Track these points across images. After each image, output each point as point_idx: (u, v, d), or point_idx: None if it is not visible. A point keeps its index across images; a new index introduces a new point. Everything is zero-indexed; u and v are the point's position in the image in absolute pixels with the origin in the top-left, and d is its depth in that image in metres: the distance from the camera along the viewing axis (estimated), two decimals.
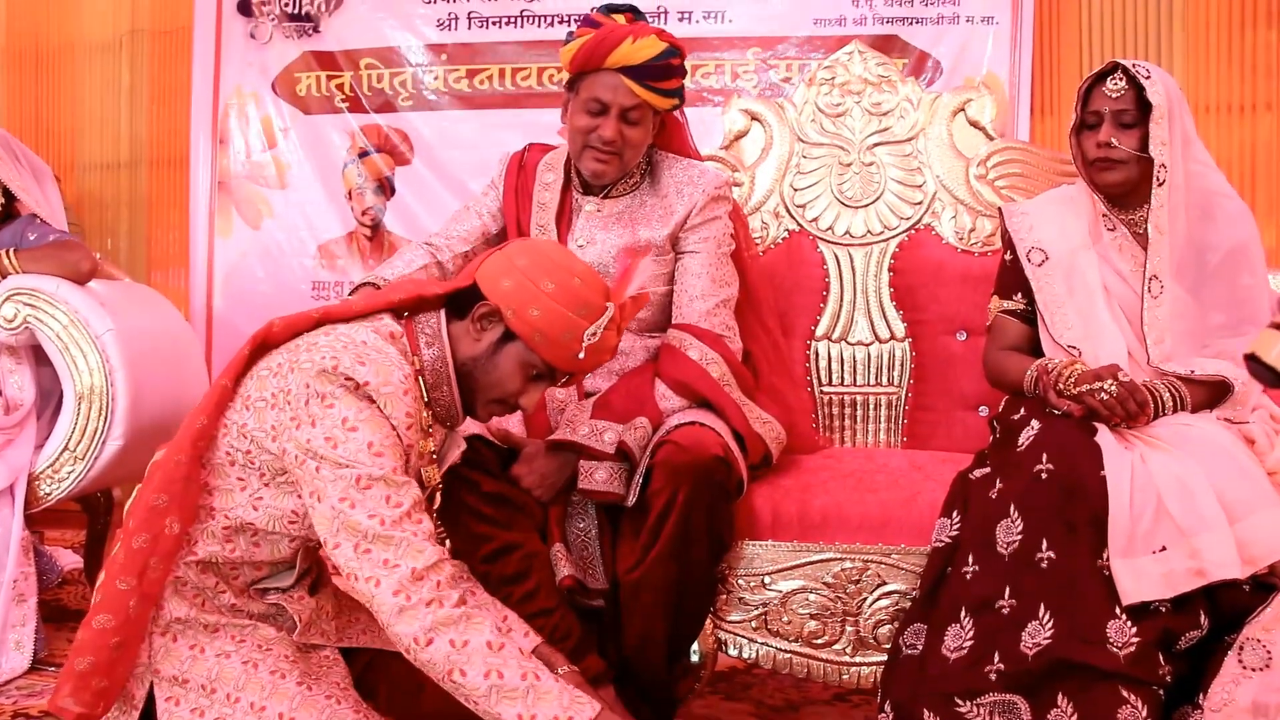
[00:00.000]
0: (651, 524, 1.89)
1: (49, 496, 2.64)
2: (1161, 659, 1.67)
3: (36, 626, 2.52)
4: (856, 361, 2.52)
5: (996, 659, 1.70)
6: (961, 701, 1.71)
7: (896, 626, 1.93)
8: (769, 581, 2.01)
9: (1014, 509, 1.78)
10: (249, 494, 1.58)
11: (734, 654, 2.05)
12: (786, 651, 2.02)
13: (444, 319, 1.67)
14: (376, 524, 1.46)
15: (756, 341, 2.23)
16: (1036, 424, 1.85)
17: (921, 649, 1.81)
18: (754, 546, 2.02)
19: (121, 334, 2.63)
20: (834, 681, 2.02)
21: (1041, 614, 1.70)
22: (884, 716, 1.81)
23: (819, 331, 2.53)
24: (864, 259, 2.54)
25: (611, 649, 1.95)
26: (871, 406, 2.51)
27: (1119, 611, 1.67)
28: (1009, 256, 2.18)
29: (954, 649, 1.75)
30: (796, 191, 2.58)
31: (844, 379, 2.52)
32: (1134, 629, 1.66)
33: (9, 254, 2.64)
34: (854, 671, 2.00)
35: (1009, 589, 1.74)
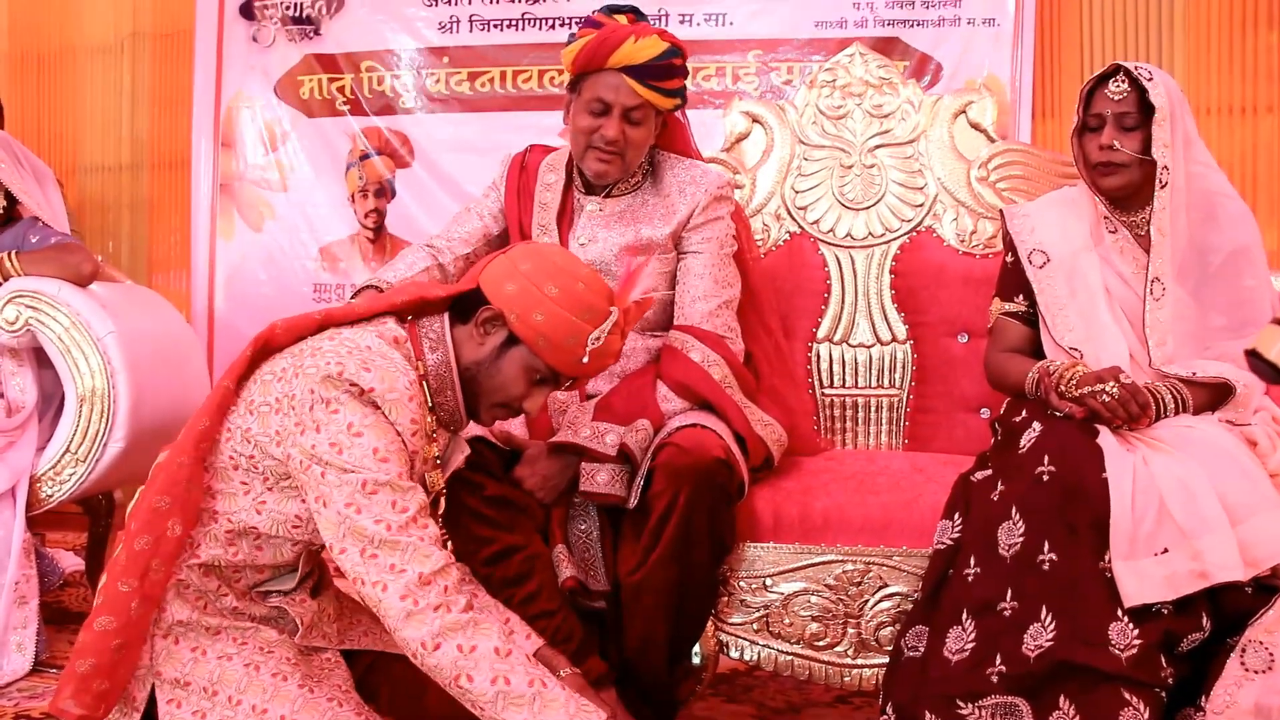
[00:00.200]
0: (653, 526, 1.89)
1: (50, 499, 2.64)
2: (1163, 661, 1.66)
3: (38, 629, 2.52)
4: (858, 363, 2.52)
5: (998, 661, 1.70)
6: (963, 704, 1.70)
7: (898, 629, 1.93)
8: (770, 583, 2.01)
9: (1015, 511, 1.78)
10: (252, 498, 1.58)
11: (735, 656, 2.05)
12: (788, 654, 2.02)
13: (448, 323, 1.66)
14: (383, 529, 1.46)
15: (758, 343, 2.23)
16: (1038, 426, 1.85)
17: (923, 651, 1.81)
18: (755, 549, 2.01)
19: (123, 336, 2.63)
20: (835, 684, 2.02)
21: (1043, 616, 1.69)
22: (885, 719, 1.81)
23: (820, 333, 2.53)
24: (865, 261, 2.54)
25: (613, 651, 1.95)
26: (873, 408, 2.51)
27: (1121, 614, 1.67)
28: (1010, 258, 2.17)
29: (956, 651, 1.75)
30: (798, 194, 2.58)
31: (845, 381, 2.52)
32: (1136, 631, 1.66)
33: (11, 256, 2.64)
34: (855, 674, 2.00)
35: (1011, 591, 1.73)
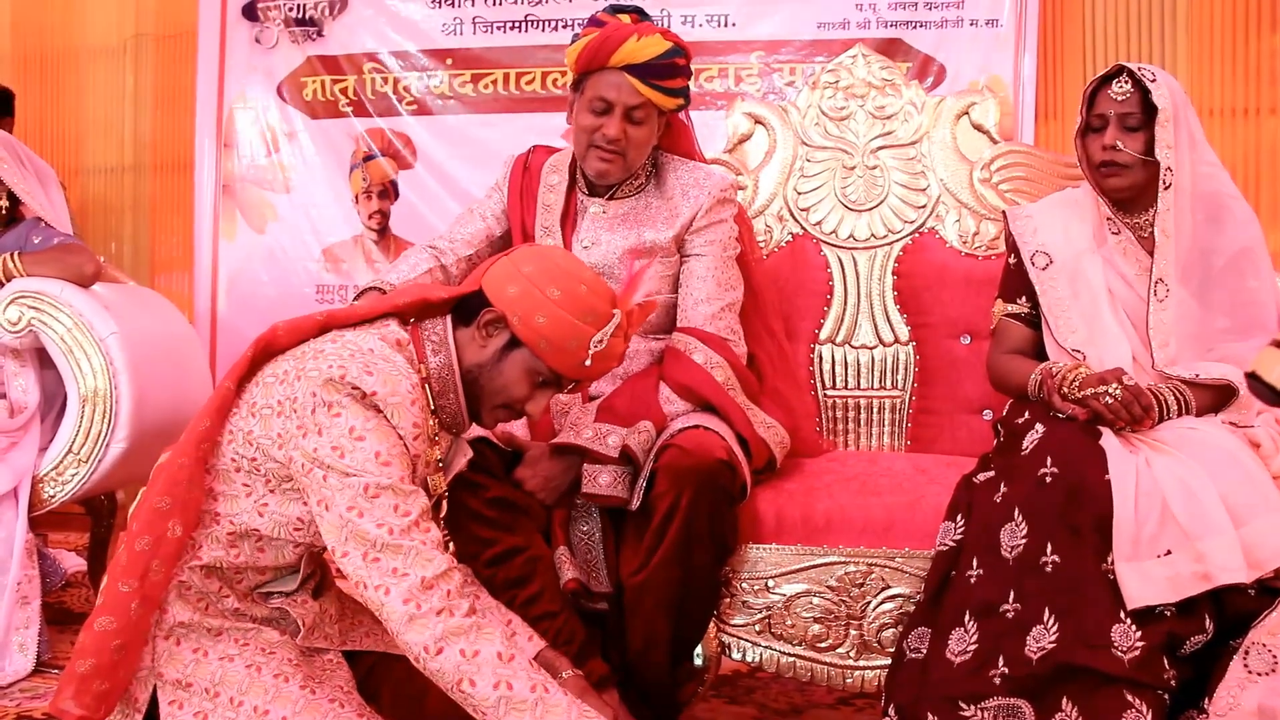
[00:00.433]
0: (655, 527, 1.88)
1: (53, 499, 2.64)
2: (1166, 663, 1.66)
3: (40, 629, 2.53)
4: (860, 365, 2.51)
5: (1001, 663, 1.70)
6: (965, 705, 1.70)
7: (900, 630, 1.92)
8: (772, 585, 2.01)
9: (1018, 513, 1.77)
10: (254, 500, 1.58)
11: (737, 657, 2.05)
12: (790, 655, 2.02)
13: (450, 325, 1.66)
14: (385, 533, 1.46)
15: (761, 345, 2.23)
16: (1041, 428, 1.84)
17: (925, 653, 1.81)
18: (758, 550, 2.01)
19: (125, 337, 2.64)
20: (838, 685, 2.01)
21: (1046, 618, 1.69)
22: None
23: (823, 335, 2.53)
24: (868, 262, 2.54)
25: (615, 652, 1.95)
26: (875, 410, 2.51)
27: (1124, 615, 1.67)
28: (1013, 260, 2.17)
29: (958, 653, 1.74)
30: (800, 195, 2.57)
31: (848, 382, 2.52)
32: (1139, 633, 1.66)
33: (13, 257, 2.64)
34: (858, 675, 2.00)
35: (1013, 593, 1.73)
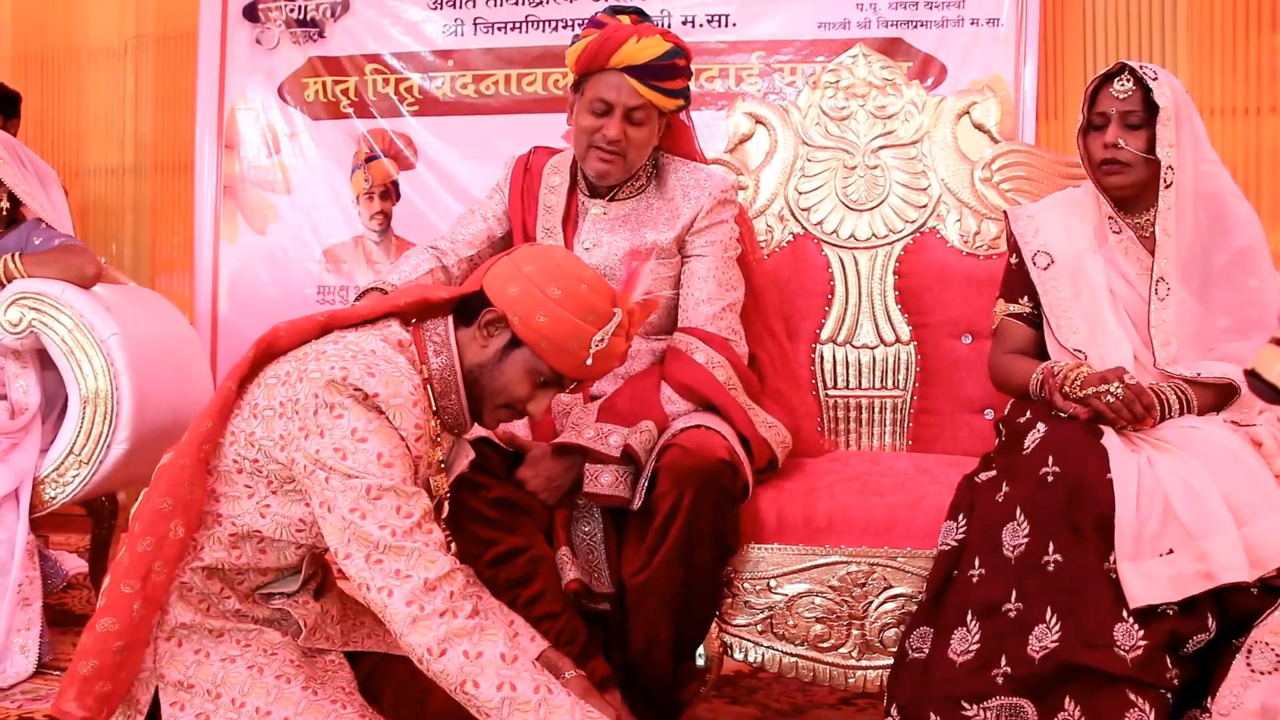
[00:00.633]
0: (657, 527, 1.88)
1: (54, 500, 2.64)
2: (1169, 662, 1.66)
3: (41, 631, 2.52)
4: (861, 365, 2.51)
5: (1003, 662, 1.70)
6: (968, 705, 1.70)
7: (902, 630, 1.92)
8: (774, 585, 2.01)
9: (1020, 512, 1.77)
10: (256, 501, 1.58)
11: (739, 658, 2.05)
12: (792, 655, 2.02)
13: (452, 326, 1.66)
14: (388, 535, 1.46)
15: (762, 345, 2.23)
16: (1042, 427, 1.84)
17: (928, 652, 1.80)
18: (759, 550, 2.01)
19: (126, 338, 2.63)
20: (840, 685, 2.01)
21: (1048, 617, 1.69)
22: None
23: (824, 335, 2.53)
24: (869, 262, 2.54)
25: (617, 653, 1.95)
26: (876, 410, 2.51)
27: (1126, 615, 1.67)
28: (1014, 260, 2.17)
29: (960, 652, 1.74)
30: (801, 195, 2.57)
31: (849, 382, 2.52)
32: (1141, 632, 1.66)
33: (14, 258, 2.64)
34: (860, 675, 2.00)
35: (1015, 592, 1.73)
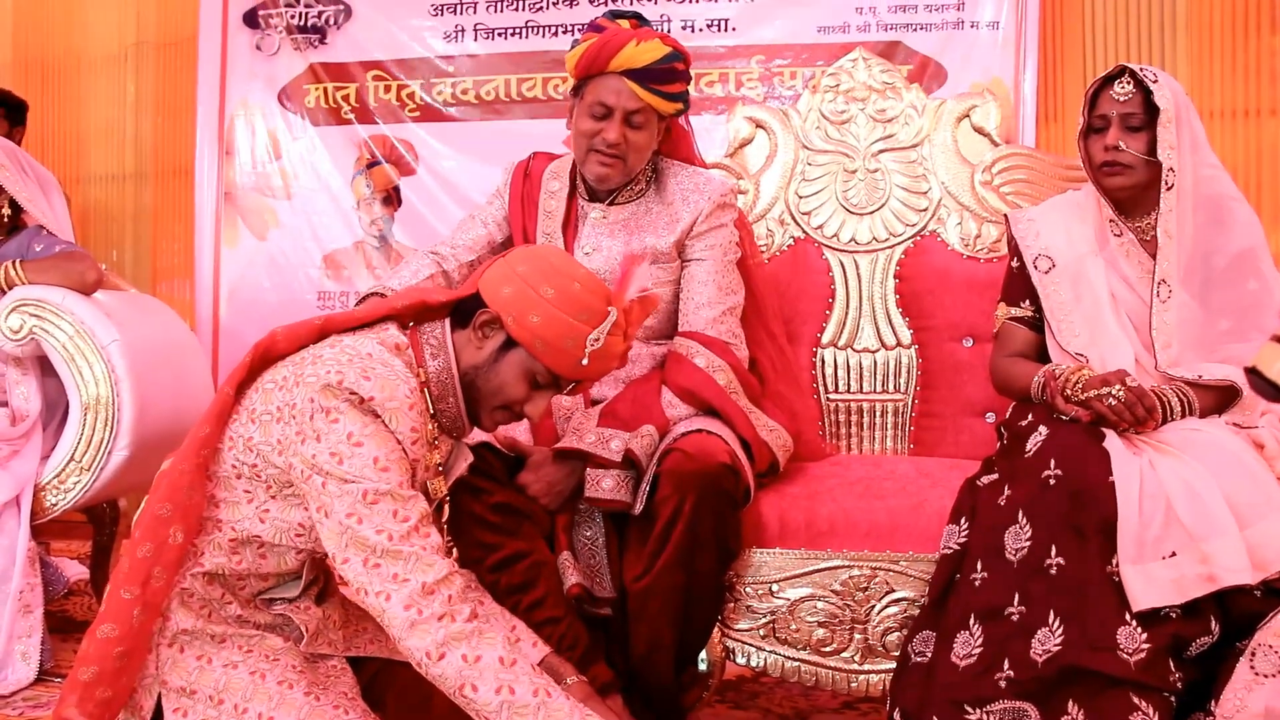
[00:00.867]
0: (659, 532, 1.88)
1: (55, 507, 2.63)
2: (1172, 665, 1.66)
3: (43, 638, 2.52)
4: (863, 368, 2.51)
5: (1006, 666, 1.69)
6: (971, 709, 1.70)
7: (905, 634, 1.92)
8: (777, 589, 2.01)
9: (1022, 515, 1.77)
10: (255, 506, 1.58)
11: (742, 662, 2.04)
12: (795, 659, 2.01)
13: (448, 328, 1.66)
14: (384, 539, 1.46)
15: (762, 349, 2.23)
16: (1044, 430, 1.84)
17: (930, 656, 1.80)
18: (761, 554, 2.01)
19: (127, 345, 2.63)
20: (842, 690, 2.01)
21: (1051, 621, 1.69)
22: None
23: (825, 339, 2.53)
24: (869, 266, 2.54)
25: (619, 657, 1.95)
26: (878, 413, 2.51)
27: (1129, 618, 1.66)
28: (1015, 263, 2.17)
29: (963, 656, 1.74)
30: (801, 199, 2.57)
31: (850, 386, 2.52)
32: (1144, 635, 1.65)
33: (15, 265, 2.65)
34: (862, 679, 1.99)
35: (1018, 596, 1.73)
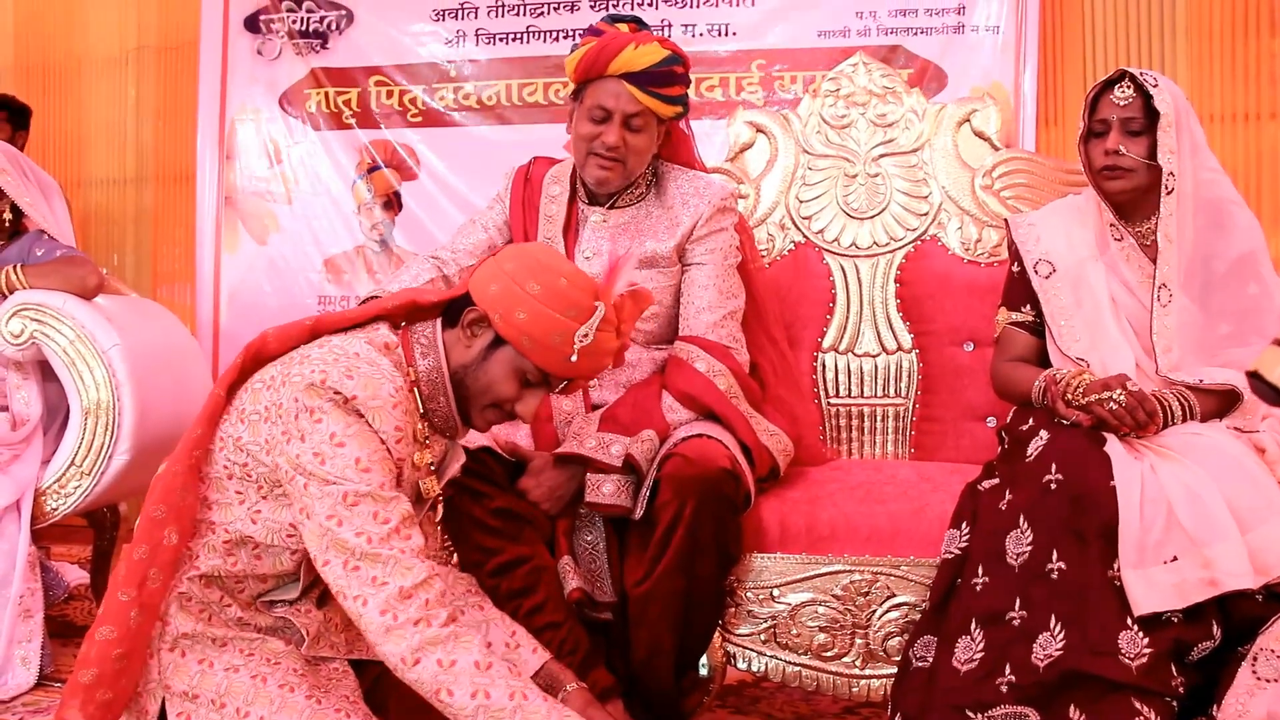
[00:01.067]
0: (659, 537, 1.88)
1: (55, 512, 2.63)
2: (1174, 670, 1.66)
3: (43, 642, 2.52)
4: (864, 373, 2.51)
5: (1008, 671, 1.69)
6: (972, 714, 1.70)
7: (906, 639, 1.92)
8: (777, 594, 2.01)
9: (1023, 520, 1.77)
10: (247, 507, 1.58)
11: (743, 667, 2.04)
12: (796, 664, 2.01)
13: (439, 328, 1.66)
14: (364, 541, 1.45)
15: (763, 353, 2.23)
16: (1045, 434, 1.84)
17: (932, 661, 1.80)
18: (762, 559, 2.01)
19: (128, 349, 2.63)
20: (844, 694, 2.01)
21: (1052, 625, 1.69)
22: None
23: (826, 343, 2.53)
24: (870, 270, 2.54)
25: (620, 662, 1.95)
26: (879, 418, 2.51)
27: (1130, 622, 1.66)
28: (1016, 268, 2.17)
29: (964, 661, 1.74)
30: (802, 203, 2.58)
31: (851, 391, 2.52)
32: (1146, 640, 1.65)
33: (16, 269, 2.65)
34: (864, 684, 1.99)
35: (1019, 600, 1.73)
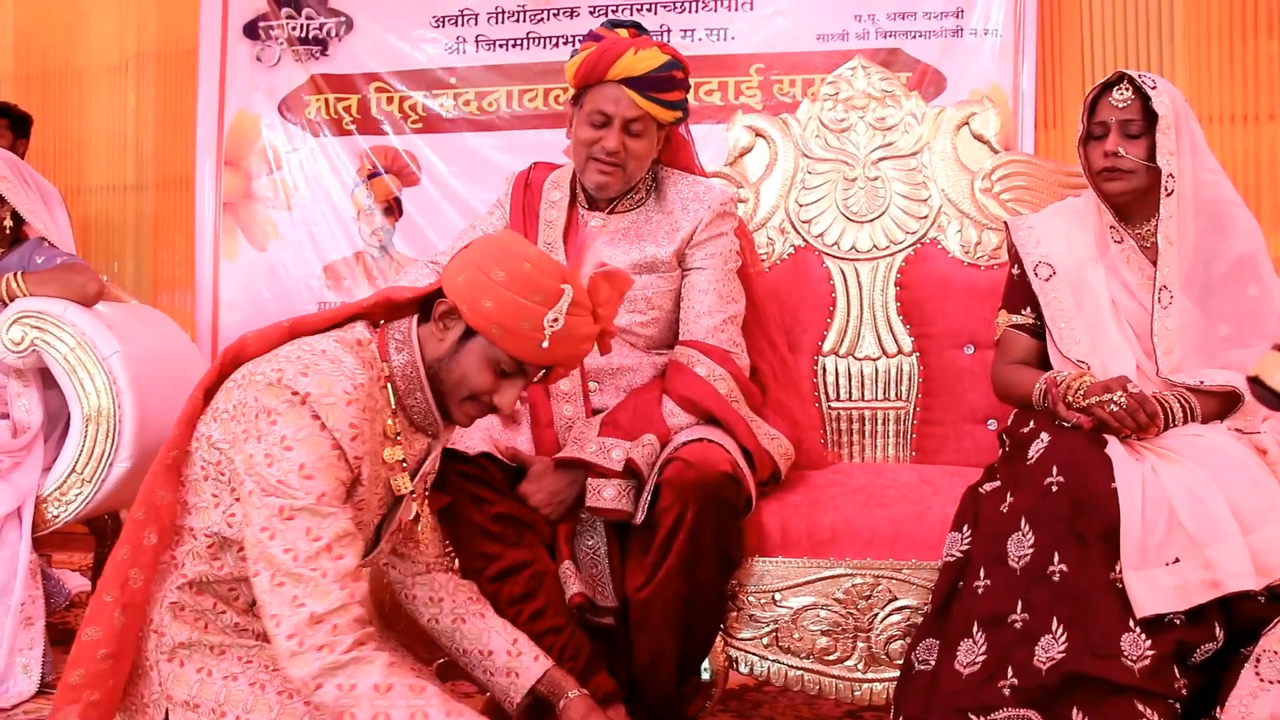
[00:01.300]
0: (660, 541, 1.88)
1: (56, 519, 2.63)
2: (1177, 672, 1.65)
3: (44, 650, 2.52)
4: (864, 376, 2.51)
5: (1010, 674, 1.69)
6: (975, 717, 1.69)
7: (908, 642, 1.91)
8: (779, 598, 2.00)
9: (1025, 522, 1.77)
10: (223, 510, 1.58)
11: (745, 671, 2.04)
12: (798, 668, 2.01)
13: (414, 323, 1.65)
14: (290, 559, 1.44)
15: (763, 357, 2.23)
16: (1046, 437, 1.84)
17: (934, 664, 1.80)
18: (764, 563, 2.01)
19: (128, 356, 2.64)
20: (846, 698, 2.00)
21: (1054, 628, 1.68)
22: None
23: (826, 347, 2.53)
24: (870, 274, 2.54)
25: (621, 667, 1.94)
26: (880, 421, 2.51)
27: (1133, 624, 1.66)
28: (1016, 271, 2.17)
29: (967, 664, 1.73)
30: (802, 207, 2.58)
31: (852, 394, 2.51)
32: (1148, 642, 1.65)
33: (16, 277, 2.65)
34: (866, 688, 1.99)
35: (1021, 603, 1.73)
